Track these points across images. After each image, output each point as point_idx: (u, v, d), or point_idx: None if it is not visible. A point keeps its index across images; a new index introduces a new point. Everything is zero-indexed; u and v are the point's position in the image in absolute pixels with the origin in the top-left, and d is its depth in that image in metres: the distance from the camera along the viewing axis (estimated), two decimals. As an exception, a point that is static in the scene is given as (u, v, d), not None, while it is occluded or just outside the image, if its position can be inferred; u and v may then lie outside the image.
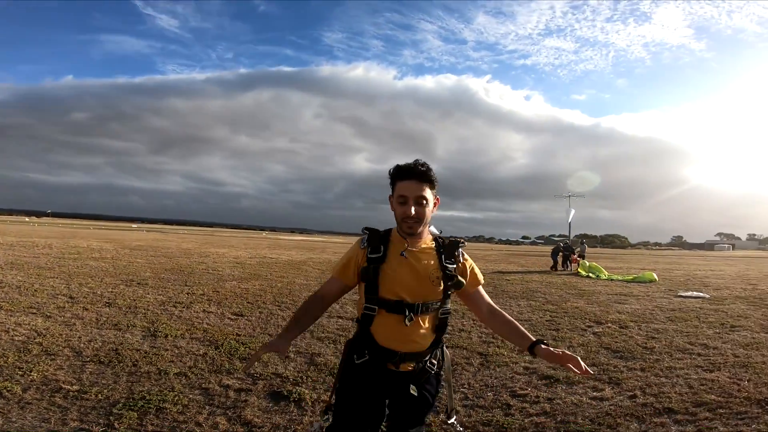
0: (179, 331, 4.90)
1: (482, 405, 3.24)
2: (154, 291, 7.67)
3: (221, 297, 7.42)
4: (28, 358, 3.68)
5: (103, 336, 4.56)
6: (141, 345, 4.29)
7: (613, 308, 8.04)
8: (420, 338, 1.57)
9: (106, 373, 3.47)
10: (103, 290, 7.41)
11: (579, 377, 3.84)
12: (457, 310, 7.21)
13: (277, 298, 7.61)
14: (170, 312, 5.97)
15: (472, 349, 4.78)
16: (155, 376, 3.47)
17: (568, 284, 12.38)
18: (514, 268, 18.68)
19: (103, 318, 5.36)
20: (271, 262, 15.71)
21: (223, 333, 4.97)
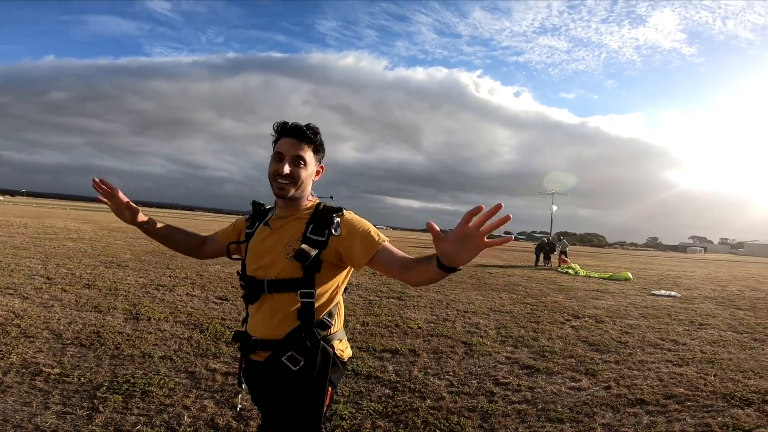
0: (163, 315, 4.84)
1: (467, 392, 3.34)
2: (135, 273, 7.54)
3: (205, 281, 7.35)
4: (6, 341, 3.60)
5: (84, 318, 4.47)
6: (123, 328, 4.23)
7: (590, 304, 8.32)
8: (274, 323, 1.32)
9: (87, 356, 3.42)
10: (82, 271, 7.24)
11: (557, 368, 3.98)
12: (443, 300, 7.32)
13: (262, 284, 7.58)
14: (152, 295, 5.89)
15: (456, 339, 4.88)
16: (139, 359, 3.44)
17: (548, 279, 12.69)
18: (496, 262, 18.98)
19: (83, 300, 5.26)
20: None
21: (207, 317, 4.94)
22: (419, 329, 5.17)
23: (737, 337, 5.97)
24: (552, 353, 4.55)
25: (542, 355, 4.46)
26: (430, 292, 8.15)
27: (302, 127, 1.35)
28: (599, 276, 14.85)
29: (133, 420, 2.50)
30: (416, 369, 3.75)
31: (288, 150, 1.33)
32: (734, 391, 3.65)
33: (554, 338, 5.25)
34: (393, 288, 8.38)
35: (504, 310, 6.98)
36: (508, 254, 27.63)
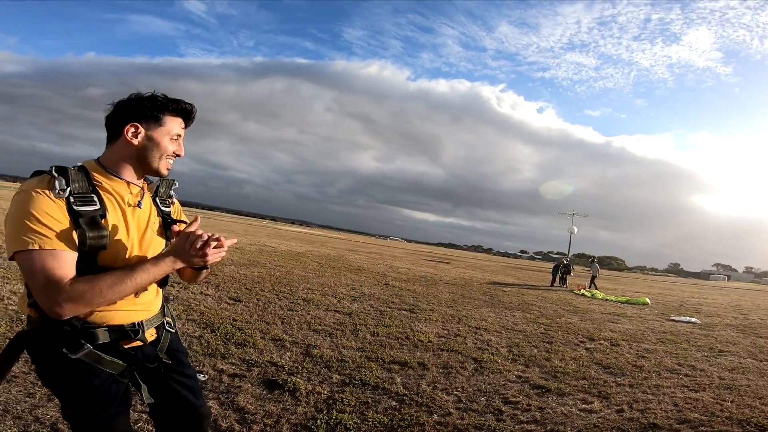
0: (175, 312, 4.91)
1: (475, 409, 3.27)
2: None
3: (219, 281, 7.45)
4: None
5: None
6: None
7: (606, 326, 8.10)
8: (153, 299, 1.37)
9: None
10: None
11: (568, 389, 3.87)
12: (455, 315, 7.23)
13: (275, 287, 7.64)
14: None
15: (467, 354, 4.80)
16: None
17: (563, 300, 12.42)
18: (511, 281, 18.70)
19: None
20: (270, 250, 15.74)
21: (219, 317, 4.99)
22: (429, 343, 5.11)
23: (757, 364, 5.78)
24: (564, 374, 4.44)
25: (554, 376, 4.35)
26: (442, 307, 8.07)
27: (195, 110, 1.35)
28: (616, 300, 14.51)
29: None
30: (424, 383, 3.69)
31: (183, 133, 1.34)
32: (750, 417, 3.56)
33: (567, 359, 5.12)
34: (405, 300, 8.33)
35: (517, 328, 6.84)
36: (522, 273, 27.20)
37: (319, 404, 2.99)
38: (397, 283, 11.18)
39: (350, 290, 8.59)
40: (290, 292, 7.35)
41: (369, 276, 11.94)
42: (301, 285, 8.32)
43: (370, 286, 9.81)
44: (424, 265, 21.09)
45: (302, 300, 6.77)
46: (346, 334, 4.99)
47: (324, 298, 7.19)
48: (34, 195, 1.11)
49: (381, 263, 17.84)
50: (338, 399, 3.10)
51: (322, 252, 19.25)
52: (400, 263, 19.73)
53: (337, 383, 3.42)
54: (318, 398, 3.09)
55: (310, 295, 7.33)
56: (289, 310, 5.94)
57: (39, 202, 1.10)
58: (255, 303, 6.07)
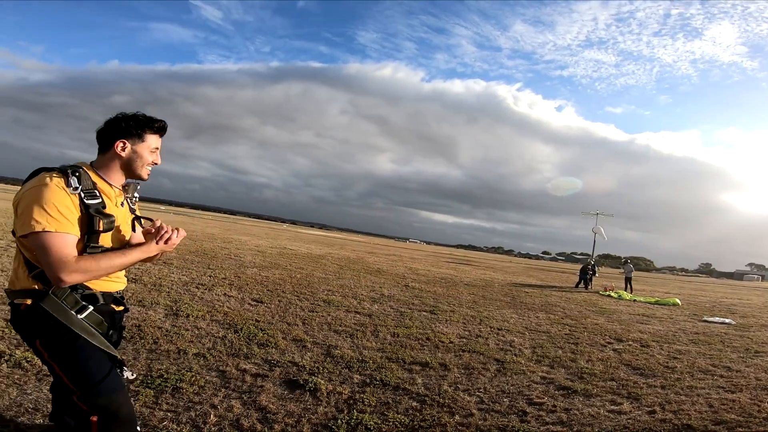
0: (200, 312, 5.01)
1: (498, 410, 3.20)
2: (178, 271, 7.88)
3: (242, 282, 7.57)
4: None
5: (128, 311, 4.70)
6: (163, 323, 4.40)
7: (634, 327, 7.86)
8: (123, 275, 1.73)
9: (127, 348, 3.53)
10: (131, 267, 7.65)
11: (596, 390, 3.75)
12: (476, 316, 7.13)
13: (296, 288, 7.71)
14: (193, 293, 6.13)
15: (489, 355, 4.72)
16: (174, 355, 3.54)
17: (589, 302, 12.09)
18: (533, 282, 18.34)
19: (129, 294, 5.52)
20: (291, 253, 15.92)
21: (242, 317, 5.06)
22: (450, 344, 5.05)
23: (798, 367, 5.46)
24: (591, 375, 4.31)
25: (580, 377, 4.23)
26: (462, 308, 7.97)
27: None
28: (645, 300, 14.05)
29: (161, 416, 2.52)
30: (446, 383, 3.64)
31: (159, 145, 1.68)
32: (792, 421, 3.37)
33: (594, 360, 4.97)
34: (425, 301, 8.28)
35: (540, 329, 6.69)
36: (545, 275, 26.66)
37: (339, 404, 2.99)
38: (416, 284, 11.12)
39: (370, 292, 8.59)
40: (311, 293, 7.40)
41: (388, 278, 11.92)
42: (321, 287, 8.37)
43: (390, 287, 9.78)
44: (444, 267, 20.92)
45: (323, 301, 6.80)
46: (366, 335, 4.98)
47: (344, 300, 7.21)
48: (54, 188, 1.40)
49: (400, 265, 17.79)
50: (359, 399, 3.09)
51: (341, 254, 19.35)
52: (419, 265, 19.64)
53: (358, 383, 3.41)
54: (339, 398, 3.08)
55: (330, 296, 7.36)
56: (310, 311, 5.97)
57: (57, 194, 1.40)
58: (276, 304, 6.14)
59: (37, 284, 1.46)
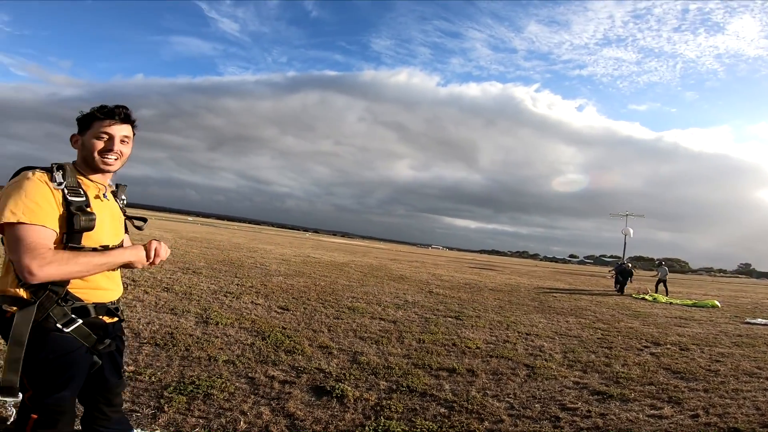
0: (229, 320, 5.11)
1: (529, 416, 3.12)
2: (207, 280, 8.08)
3: (268, 290, 7.69)
4: None
5: (161, 319, 4.84)
6: (194, 330, 4.51)
7: (672, 331, 7.54)
8: (119, 284, 1.63)
9: (160, 355, 3.64)
10: (162, 276, 7.89)
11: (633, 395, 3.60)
12: (502, 322, 6.99)
13: (320, 296, 7.77)
14: (221, 301, 6.26)
15: (517, 361, 4.61)
16: (205, 362, 3.61)
17: (621, 305, 11.67)
18: (561, 286, 17.86)
19: (161, 302, 5.71)
20: (315, 261, 16.07)
21: (269, 325, 5.13)
22: (477, 349, 4.96)
23: None
24: (627, 380, 4.15)
25: (616, 382, 4.08)
26: (489, 314, 7.84)
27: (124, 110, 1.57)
28: (682, 303, 13.47)
29: (193, 422, 2.56)
30: (474, 389, 3.58)
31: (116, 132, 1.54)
32: None
33: (630, 365, 4.79)
34: (450, 307, 8.18)
35: (571, 334, 6.49)
36: (574, 278, 25.91)
37: (366, 411, 2.97)
38: (440, 290, 11.01)
39: (394, 298, 8.56)
40: (335, 300, 7.44)
41: (412, 284, 11.85)
42: (345, 294, 8.40)
43: (414, 294, 9.72)
44: (468, 273, 20.65)
45: (347, 308, 6.82)
46: (391, 342, 4.96)
47: (368, 307, 7.21)
48: (36, 182, 1.36)
49: (423, 271, 17.67)
50: (386, 406, 3.06)
51: (364, 262, 19.39)
52: (442, 271, 19.46)
53: (385, 390, 3.39)
54: (366, 405, 3.07)
55: (354, 303, 7.37)
56: (335, 318, 6.00)
57: (38, 187, 1.35)
58: (302, 312, 6.20)
59: (26, 293, 1.38)
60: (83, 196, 1.44)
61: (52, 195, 1.37)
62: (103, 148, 1.51)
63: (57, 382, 1.43)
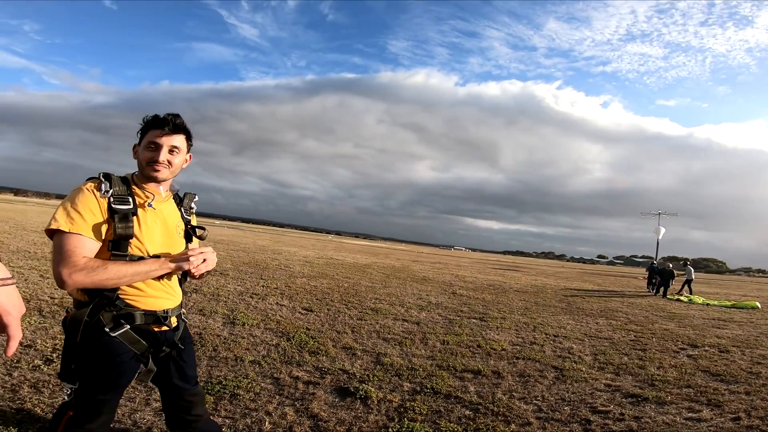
0: (255, 321, 5.19)
1: (558, 419, 3.03)
2: (234, 281, 8.26)
3: (293, 292, 7.78)
4: None
5: (190, 320, 4.97)
6: (221, 331, 4.60)
7: (710, 332, 7.20)
8: (176, 291, 1.64)
9: (190, 355, 3.73)
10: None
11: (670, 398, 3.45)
12: (529, 323, 6.85)
13: (343, 297, 7.80)
14: (247, 302, 6.38)
15: (545, 362, 4.49)
16: (232, 362, 3.67)
17: (655, 306, 11.23)
18: (590, 287, 17.34)
19: (191, 303, 5.85)
20: (337, 263, 16.18)
21: (294, 326, 5.18)
22: (503, 351, 4.86)
23: None
24: (663, 382, 3.99)
25: (651, 384, 3.92)
26: (514, 315, 7.68)
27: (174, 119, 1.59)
28: (720, 304, 12.84)
29: (220, 422, 2.59)
30: (500, 391, 3.50)
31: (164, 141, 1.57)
32: None
33: (666, 367, 4.60)
34: (474, 308, 8.06)
35: (601, 335, 6.28)
36: (603, 279, 25.13)
37: (390, 412, 2.95)
38: (464, 291, 10.88)
39: (417, 300, 8.51)
40: (358, 302, 7.45)
41: (435, 285, 11.76)
42: (368, 295, 8.41)
43: (437, 295, 9.64)
44: (492, 274, 20.32)
45: (370, 310, 6.83)
46: (415, 343, 4.92)
47: (391, 308, 7.19)
48: (84, 191, 1.43)
49: (446, 273, 17.51)
50: (410, 407, 3.04)
51: (386, 263, 19.38)
52: (466, 272, 19.23)
53: (408, 391, 3.36)
54: (389, 406, 3.05)
55: (377, 304, 7.37)
56: (359, 319, 6.01)
57: (86, 197, 1.42)
58: (326, 313, 6.24)
59: (83, 296, 1.46)
60: (129, 204, 1.47)
61: (98, 204, 1.42)
62: (151, 157, 1.56)
63: (99, 383, 1.48)
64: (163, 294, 1.56)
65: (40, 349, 3.44)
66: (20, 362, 3.14)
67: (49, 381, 2.88)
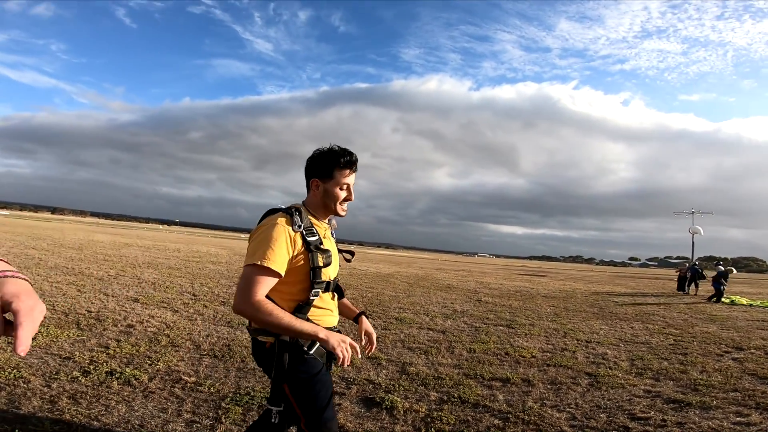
0: (280, 333, 5.21)
1: (593, 426, 2.89)
2: (258, 296, 8.34)
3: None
4: (157, 349, 4.15)
5: (219, 332, 5.04)
6: (249, 343, 4.63)
7: (755, 334, 6.80)
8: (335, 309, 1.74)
9: (218, 366, 3.76)
10: (220, 290, 8.28)
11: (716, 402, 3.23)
12: (559, 329, 6.63)
13: (367, 307, 7.77)
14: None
15: (578, 369, 4.33)
16: (259, 373, 3.66)
17: (694, 309, 10.69)
18: (622, 290, 16.69)
19: (219, 315, 5.96)
20: (360, 273, 16.18)
21: (318, 337, 5.18)
22: (533, 358, 4.71)
23: None
24: (707, 387, 3.78)
25: (694, 389, 3.71)
26: (543, 321, 7.46)
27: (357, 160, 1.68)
28: (763, 305, 12.11)
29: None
30: (531, 399, 3.38)
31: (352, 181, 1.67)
32: None
33: (710, 371, 4.35)
34: (500, 315, 7.88)
35: (638, 340, 6.00)
36: (636, 282, 24.18)
37: (417, 422, 2.89)
38: (490, 298, 10.66)
39: (442, 308, 8.39)
40: (382, 311, 7.40)
41: (460, 293, 11.58)
42: (392, 305, 8.35)
43: (462, 303, 9.48)
44: (518, 280, 19.87)
45: (395, 319, 6.77)
46: (441, 352, 4.83)
47: (416, 317, 7.11)
48: (279, 227, 1.51)
49: (471, 280, 17.23)
50: (437, 417, 2.96)
51: (409, 272, 19.25)
52: (490, 279, 18.87)
53: (435, 401, 3.29)
54: (416, 416, 2.98)
55: (402, 314, 7.30)
56: (383, 329, 5.96)
57: (280, 233, 1.50)
58: (350, 323, 6.21)
59: None
60: (316, 235, 1.57)
61: (291, 239, 1.51)
62: (345, 198, 1.65)
63: (322, 403, 1.56)
64: (335, 313, 1.71)
65: (78, 361, 3.56)
66: (59, 374, 3.25)
67: (87, 392, 2.96)
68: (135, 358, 3.79)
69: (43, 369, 3.35)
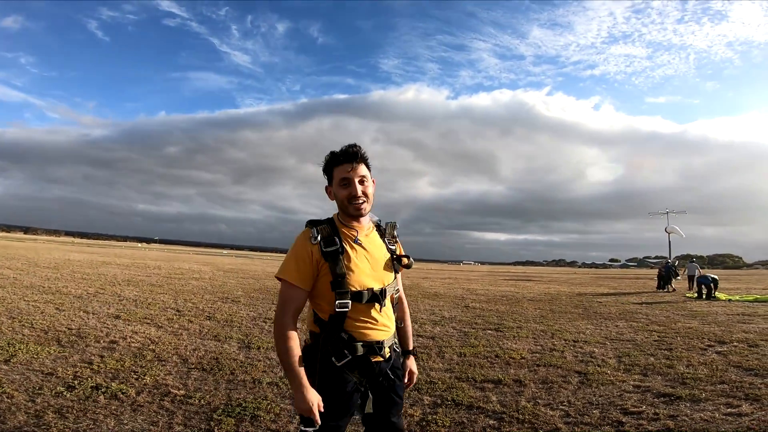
0: (270, 344, 5.14)
1: (588, 422, 2.93)
2: (246, 307, 8.22)
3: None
4: (142, 363, 4.06)
5: (206, 345, 4.94)
6: (237, 355, 4.56)
7: (736, 328, 7.03)
8: (390, 322, 1.62)
9: (208, 379, 3.69)
10: (204, 305, 8.12)
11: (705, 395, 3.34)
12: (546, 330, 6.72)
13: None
14: (261, 326, 6.33)
15: (568, 368, 4.38)
16: (250, 384, 3.63)
17: (676, 305, 10.99)
18: (605, 291, 17.03)
19: (205, 330, 5.84)
20: (348, 284, 16.09)
21: (308, 346, 5.12)
22: (522, 359, 4.75)
23: None
24: (695, 380, 3.88)
25: (682, 383, 3.80)
26: (530, 323, 7.54)
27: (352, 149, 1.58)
28: (742, 299, 12.53)
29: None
30: (524, 399, 3.40)
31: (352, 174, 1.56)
32: None
33: (695, 365, 4.47)
34: (488, 320, 7.93)
35: (623, 338, 6.12)
36: (617, 282, 24.70)
37: (412, 427, 2.88)
38: (477, 304, 10.72)
39: (430, 315, 8.40)
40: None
41: (447, 300, 11.61)
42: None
43: (450, 309, 9.51)
44: (504, 285, 20.06)
45: (384, 326, 6.73)
46: (431, 357, 4.83)
47: (405, 323, 7.08)
48: (300, 240, 1.54)
49: (457, 287, 17.31)
50: (432, 420, 2.96)
51: (397, 281, 19.21)
52: (477, 285, 19.00)
53: (429, 405, 3.28)
54: (411, 420, 2.97)
55: (391, 321, 7.27)
56: (373, 336, 5.92)
57: (301, 247, 1.52)
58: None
59: (316, 327, 1.55)
60: (336, 245, 1.52)
61: (310, 251, 1.51)
62: (349, 194, 1.56)
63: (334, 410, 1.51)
64: (381, 327, 1.58)
65: (61, 377, 3.46)
66: (42, 389, 3.15)
67: (73, 407, 2.88)
68: (120, 373, 3.70)
69: (26, 384, 3.24)
